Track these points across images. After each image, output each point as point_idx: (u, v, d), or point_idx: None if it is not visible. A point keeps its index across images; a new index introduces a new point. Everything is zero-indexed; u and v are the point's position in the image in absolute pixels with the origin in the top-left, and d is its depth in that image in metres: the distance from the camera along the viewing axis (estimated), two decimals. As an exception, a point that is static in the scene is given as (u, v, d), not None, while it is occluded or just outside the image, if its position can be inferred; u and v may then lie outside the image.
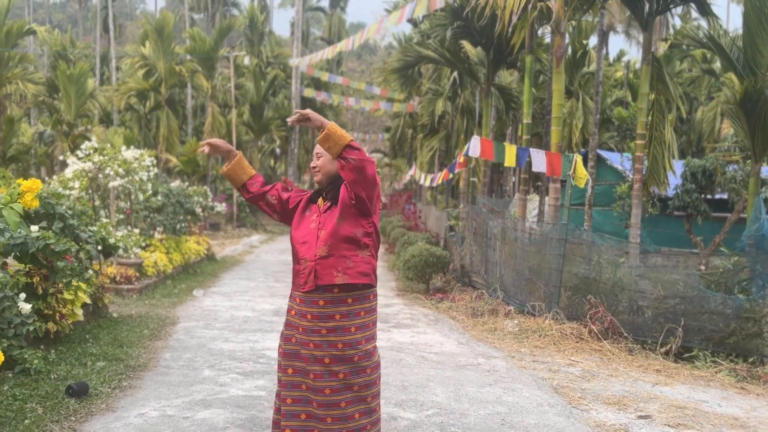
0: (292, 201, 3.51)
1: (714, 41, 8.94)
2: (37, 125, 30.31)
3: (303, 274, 3.28)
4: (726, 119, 30.79)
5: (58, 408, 4.67)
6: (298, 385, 3.27)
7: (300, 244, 3.34)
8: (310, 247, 3.28)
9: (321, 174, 3.41)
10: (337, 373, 3.19)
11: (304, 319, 3.27)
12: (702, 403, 5.66)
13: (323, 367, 3.20)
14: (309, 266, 3.25)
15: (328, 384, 3.19)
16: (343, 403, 3.20)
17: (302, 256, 3.30)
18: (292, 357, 3.32)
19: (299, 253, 3.33)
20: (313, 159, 3.46)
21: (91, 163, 9.60)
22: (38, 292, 6.06)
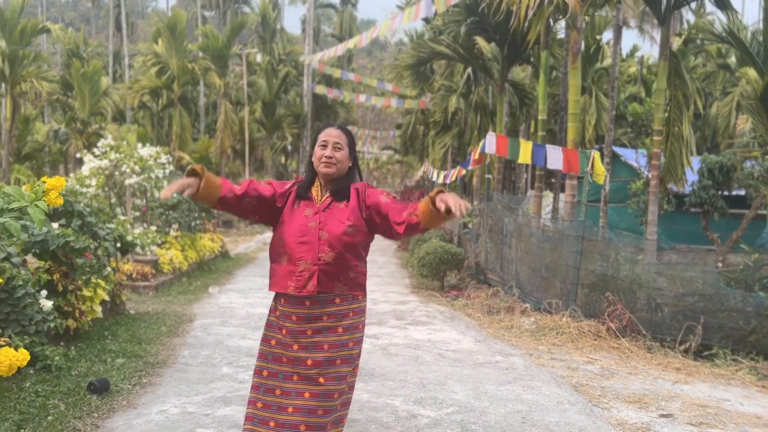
0: (278, 198, 3.17)
1: (733, 35, 8.84)
2: (51, 123, 30.53)
3: (301, 277, 3.01)
4: (742, 114, 30.52)
5: (80, 404, 4.69)
6: (272, 389, 3.07)
7: (297, 244, 3.04)
8: (311, 249, 3.02)
9: (336, 168, 3.11)
10: (318, 377, 3.01)
11: (288, 321, 3.07)
12: (724, 402, 5.60)
13: (305, 370, 3.02)
14: (311, 270, 3.01)
15: (308, 388, 3.02)
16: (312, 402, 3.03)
17: (300, 257, 3.02)
18: (268, 359, 3.13)
19: (295, 252, 3.03)
20: (327, 146, 3.10)
21: (108, 160, 9.65)
22: (58, 289, 6.10)
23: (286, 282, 3.06)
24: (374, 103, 29.10)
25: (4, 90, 21.07)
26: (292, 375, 3.05)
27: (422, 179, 31.68)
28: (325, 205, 3.11)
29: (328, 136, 3.13)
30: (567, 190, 9.73)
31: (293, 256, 3.05)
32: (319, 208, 3.10)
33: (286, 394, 3.05)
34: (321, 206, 3.11)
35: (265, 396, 3.10)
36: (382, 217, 3.04)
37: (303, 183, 3.20)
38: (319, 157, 3.11)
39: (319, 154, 3.11)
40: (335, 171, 3.11)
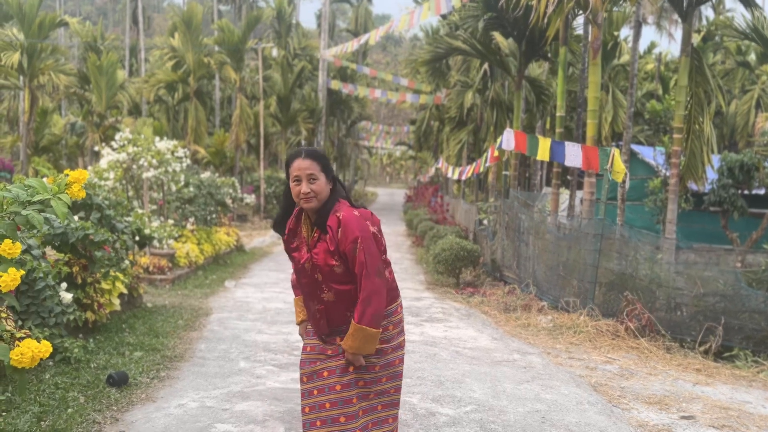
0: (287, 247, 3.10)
1: (757, 32, 8.70)
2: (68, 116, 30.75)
3: (314, 318, 3.02)
4: (761, 112, 30.11)
5: (99, 397, 4.71)
6: (323, 404, 2.97)
7: (303, 285, 3.03)
8: (312, 291, 2.98)
9: (317, 200, 2.90)
10: (374, 365, 2.99)
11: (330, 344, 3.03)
12: (745, 404, 5.52)
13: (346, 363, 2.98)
14: (320, 310, 2.98)
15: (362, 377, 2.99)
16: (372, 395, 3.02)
17: (307, 298, 3.03)
18: (314, 378, 3.02)
19: (304, 293, 3.05)
20: (301, 181, 2.88)
21: (126, 154, 9.68)
22: (77, 281, 6.13)
23: (310, 318, 3.09)
24: (389, 98, 29.02)
25: (23, 83, 21.23)
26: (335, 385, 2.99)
27: (436, 175, 31.61)
28: (314, 240, 2.95)
29: (299, 170, 2.90)
30: (586, 187, 9.64)
31: (304, 296, 3.07)
32: (310, 245, 2.96)
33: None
34: (312, 242, 2.96)
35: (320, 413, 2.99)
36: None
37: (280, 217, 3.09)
38: (297, 194, 2.92)
39: (295, 191, 2.92)
40: (316, 203, 2.91)
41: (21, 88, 21.89)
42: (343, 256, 2.87)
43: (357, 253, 2.85)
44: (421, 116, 33.96)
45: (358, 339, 2.88)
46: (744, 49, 33.95)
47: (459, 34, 15.14)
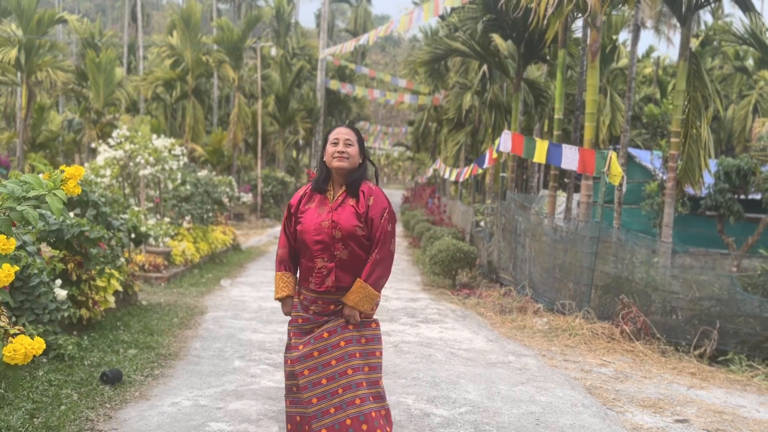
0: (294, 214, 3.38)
1: (756, 37, 8.71)
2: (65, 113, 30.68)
3: (320, 273, 3.24)
4: (758, 117, 30.21)
5: (93, 395, 4.69)
6: (318, 382, 3.19)
7: (314, 243, 3.23)
8: (326, 248, 3.22)
9: (349, 163, 3.28)
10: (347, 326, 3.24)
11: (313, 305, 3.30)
12: (740, 408, 5.53)
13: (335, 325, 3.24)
14: (328, 267, 3.23)
15: (342, 336, 3.22)
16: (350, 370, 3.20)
17: (317, 255, 3.23)
18: (303, 360, 3.22)
19: (314, 251, 3.23)
20: (338, 143, 3.28)
21: (123, 151, 9.66)
22: (72, 278, 6.11)
23: (308, 277, 3.30)
24: (388, 99, 29.02)
25: (20, 79, 21.17)
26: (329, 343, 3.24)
27: (434, 176, 31.63)
28: (338, 203, 3.28)
29: (339, 134, 3.33)
30: (583, 190, 9.64)
31: (312, 255, 3.25)
32: (332, 207, 3.28)
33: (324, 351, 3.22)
34: (334, 204, 3.28)
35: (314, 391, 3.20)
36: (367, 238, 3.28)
37: (318, 177, 3.38)
38: (332, 153, 3.28)
39: (331, 150, 3.30)
40: (347, 164, 3.28)
41: (18, 84, 21.84)
42: (369, 221, 3.24)
43: (382, 221, 3.24)
44: (419, 117, 33.98)
45: (359, 295, 3.20)
46: (742, 54, 34.04)
47: (458, 35, 15.14)
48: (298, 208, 3.34)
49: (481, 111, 18.11)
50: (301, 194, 3.40)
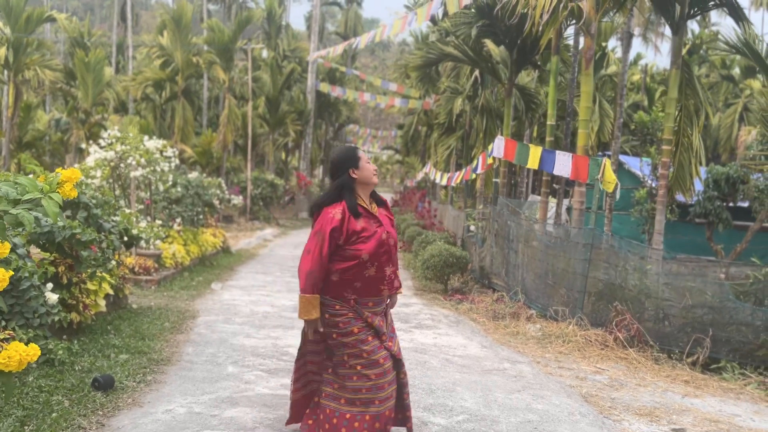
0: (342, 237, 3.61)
1: (749, 46, 8.78)
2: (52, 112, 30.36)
3: (390, 279, 3.72)
4: (744, 126, 30.53)
5: (84, 401, 4.60)
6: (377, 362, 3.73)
7: (381, 254, 3.64)
8: (389, 256, 3.69)
9: (365, 180, 3.75)
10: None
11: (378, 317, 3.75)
12: (735, 417, 5.54)
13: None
14: (394, 272, 3.75)
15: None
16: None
17: (385, 264, 3.67)
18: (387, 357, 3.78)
19: (382, 262, 3.65)
20: (370, 161, 3.79)
21: (114, 152, 9.54)
22: (63, 281, 6.01)
23: (378, 287, 3.70)
24: (378, 102, 29.00)
25: (7, 77, 20.91)
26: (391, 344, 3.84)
27: (423, 180, 31.62)
28: (380, 215, 3.75)
29: (363, 153, 3.80)
30: (576, 196, 9.66)
31: (380, 265, 3.65)
32: (380, 220, 3.73)
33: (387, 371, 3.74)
34: (380, 217, 3.74)
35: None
36: None
37: (352, 203, 3.65)
38: (372, 170, 3.73)
39: (371, 169, 3.73)
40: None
41: (5, 83, 21.57)
42: (394, 225, 3.85)
43: (395, 226, 3.86)
44: (409, 121, 33.97)
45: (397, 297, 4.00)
46: (728, 63, 34.43)
47: (450, 40, 15.14)
48: (348, 232, 3.58)
49: (472, 116, 18.12)
50: (338, 218, 3.58)
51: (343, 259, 3.60)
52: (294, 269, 12.83)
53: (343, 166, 3.69)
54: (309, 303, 3.60)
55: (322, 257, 3.55)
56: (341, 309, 3.66)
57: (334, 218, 3.56)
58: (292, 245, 17.68)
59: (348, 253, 3.59)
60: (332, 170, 3.76)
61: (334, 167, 3.73)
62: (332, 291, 3.65)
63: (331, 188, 3.71)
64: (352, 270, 3.60)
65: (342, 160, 3.72)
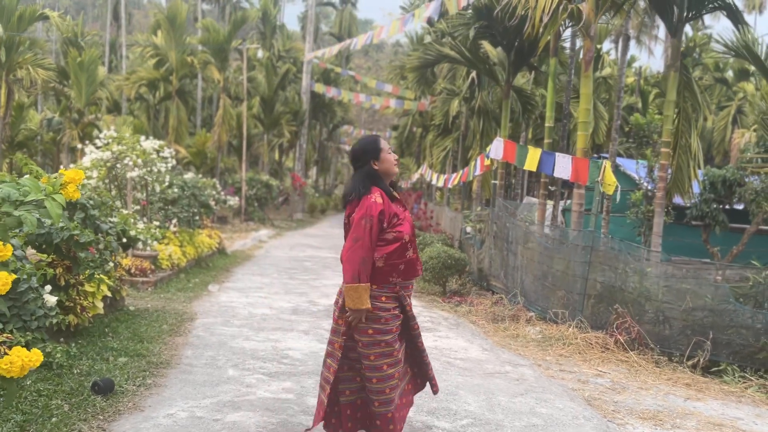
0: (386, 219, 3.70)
1: (749, 49, 8.79)
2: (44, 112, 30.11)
3: (419, 261, 3.86)
4: (738, 128, 30.67)
5: (84, 405, 4.53)
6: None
7: (413, 236, 3.79)
8: (414, 242, 3.80)
9: (387, 171, 3.86)
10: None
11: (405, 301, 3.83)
12: (738, 421, 5.52)
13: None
14: (419, 257, 3.87)
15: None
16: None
17: (415, 245, 3.80)
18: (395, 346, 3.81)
19: (413, 243, 3.78)
20: (391, 152, 3.87)
21: (110, 152, 9.44)
22: (60, 283, 5.93)
23: (416, 267, 3.82)
24: (374, 103, 28.97)
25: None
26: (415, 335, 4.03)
27: (418, 182, 31.60)
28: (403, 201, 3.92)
29: (386, 143, 3.87)
30: (575, 199, 9.64)
31: (414, 247, 3.81)
32: (404, 206, 3.88)
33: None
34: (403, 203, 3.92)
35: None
36: None
37: (386, 188, 3.80)
38: (393, 161, 3.83)
39: (392, 159, 3.82)
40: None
41: (-3, 82, 21.34)
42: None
43: None
44: (404, 122, 33.96)
45: None
46: (722, 66, 34.60)
47: (446, 41, 15.12)
48: (390, 215, 3.69)
49: (468, 118, 18.11)
50: (380, 201, 3.68)
51: (386, 242, 3.67)
52: (291, 271, 12.76)
53: (365, 156, 3.79)
54: (364, 291, 3.57)
55: (372, 242, 3.61)
56: (387, 301, 3.71)
57: (377, 202, 3.64)
58: (287, 246, 17.61)
59: (391, 236, 3.67)
60: (354, 160, 3.86)
61: (356, 157, 3.82)
62: (378, 278, 3.67)
63: (359, 178, 3.77)
64: (396, 252, 3.68)
65: (364, 150, 3.80)
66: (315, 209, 32.59)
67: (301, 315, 8.49)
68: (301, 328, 7.66)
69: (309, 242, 19.16)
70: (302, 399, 5.10)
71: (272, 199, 26.33)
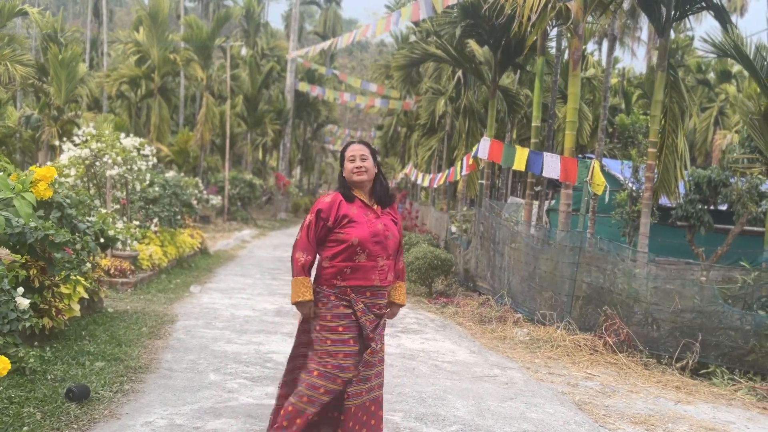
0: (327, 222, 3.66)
1: (737, 49, 8.76)
2: (23, 108, 29.53)
3: (382, 270, 3.65)
4: (720, 130, 30.92)
5: (58, 413, 4.33)
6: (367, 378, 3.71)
7: (373, 243, 3.61)
8: (384, 248, 3.65)
9: (367, 176, 3.72)
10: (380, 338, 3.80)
11: (372, 311, 3.69)
12: (729, 425, 5.45)
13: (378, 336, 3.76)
14: (388, 264, 3.68)
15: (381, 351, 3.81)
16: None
17: (378, 254, 3.63)
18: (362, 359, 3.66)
19: (373, 251, 3.61)
20: (355, 159, 3.72)
21: (89, 150, 9.19)
22: (34, 285, 5.70)
23: (371, 276, 3.63)
24: (358, 103, 28.79)
25: (-24, 72, 20.23)
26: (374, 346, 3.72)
27: (403, 182, 31.47)
28: (379, 211, 3.75)
29: (354, 150, 3.76)
30: (563, 199, 9.56)
31: (373, 254, 3.62)
32: (378, 214, 3.73)
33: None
34: (379, 212, 3.74)
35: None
36: None
37: (345, 191, 3.74)
38: (351, 169, 3.71)
39: (350, 167, 3.72)
40: (366, 177, 3.72)
41: (-26, 78, 20.87)
42: (399, 230, 3.84)
43: (401, 234, 3.89)
44: (388, 122, 33.80)
45: (402, 293, 3.91)
46: (704, 67, 34.88)
47: (432, 40, 15.00)
48: (338, 216, 3.62)
49: (454, 117, 18.01)
50: (329, 202, 3.66)
51: (335, 243, 3.65)
52: (274, 271, 12.57)
53: (341, 163, 3.86)
54: (300, 284, 3.60)
55: (309, 238, 3.64)
56: (336, 300, 3.64)
57: (322, 200, 3.70)
58: (271, 246, 17.39)
59: (338, 237, 3.63)
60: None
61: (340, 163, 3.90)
62: (325, 280, 3.68)
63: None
64: (341, 254, 3.63)
65: (340, 157, 3.87)
66: (299, 209, 32.33)
67: (285, 317, 8.31)
68: (285, 331, 7.49)
69: (293, 242, 18.93)
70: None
71: (256, 198, 26.06)
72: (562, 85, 15.25)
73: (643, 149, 12.45)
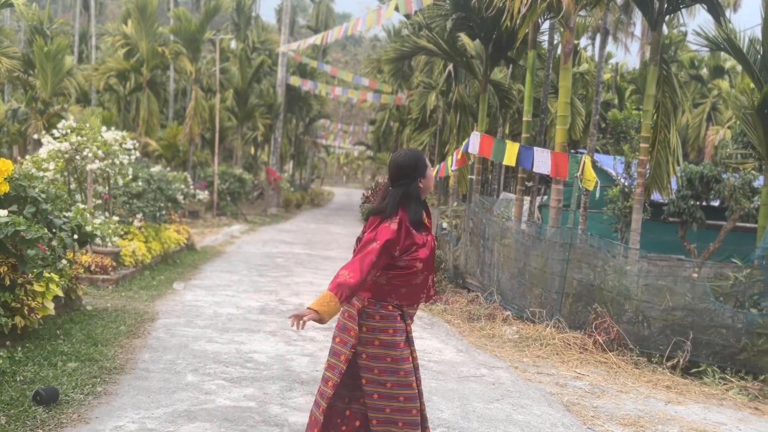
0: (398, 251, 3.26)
1: (731, 43, 8.62)
2: (10, 102, 29.16)
3: (427, 288, 3.47)
4: (712, 125, 30.88)
5: (23, 417, 4.16)
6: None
7: (426, 263, 3.35)
8: (429, 266, 3.41)
9: (427, 190, 3.46)
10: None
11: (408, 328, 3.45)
12: (720, 426, 5.32)
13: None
14: (432, 280, 3.50)
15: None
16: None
17: (430, 272, 3.43)
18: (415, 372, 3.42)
19: (425, 270, 3.35)
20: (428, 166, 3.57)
21: (68, 143, 8.96)
22: (5, 283, 5.51)
23: (419, 295, 3.43)
24: (350, 97, 28.57)
25: (-39, 64, 19.93)
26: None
27: (395, 176, 31.29)
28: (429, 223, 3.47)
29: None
30: (553, 194, 9.42)
31: (423, 273, 3.37)
32: (429, 228, 3.44)
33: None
34: (429, 224, 3.45)
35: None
36: None
37: (418, 215, 3.33)
38: (432, 177, 3.49)
39: (432, 174, 3.49)
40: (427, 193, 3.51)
41: (-41, 70, 20.56)
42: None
43: None
44: (381, 117, 33.65)
45: None
46: (697, 63, 34.83)
47: (423, 34, 14.81)
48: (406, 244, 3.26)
49: (445, 112, 17.84)
50: (394, 229, 3.23)
51: (397, 267, 3.30)
52: (262, 267, 12.37)
53: (414, 173, 3.33)
54: (333, 308, 3.13)
55: (371, 269, 3.18)
56: (394, 310, 3.35)
57: (390, 227, 3.23)
58: (260, 242, 17.18)
59: (403, 263, 3.28)
60: (398, 175, 3.35)
61: (403, 173, 3.34)
62: (377, 293, 3.34)
63: (395, 197, 3.30)
64: (403, 277, 3.32)
65: (414, 166, 3.34)
66: (290, 204, 32.10)
67: (269, 315, 8.13)
68: (268, 329, 7.31)
69: (282, 238, 18.73)
70: (264, 407, 4.77)
71: (246, 193, 25.80)
72: (554, 80, 15.10)
73: (635, 145, 12.32)
